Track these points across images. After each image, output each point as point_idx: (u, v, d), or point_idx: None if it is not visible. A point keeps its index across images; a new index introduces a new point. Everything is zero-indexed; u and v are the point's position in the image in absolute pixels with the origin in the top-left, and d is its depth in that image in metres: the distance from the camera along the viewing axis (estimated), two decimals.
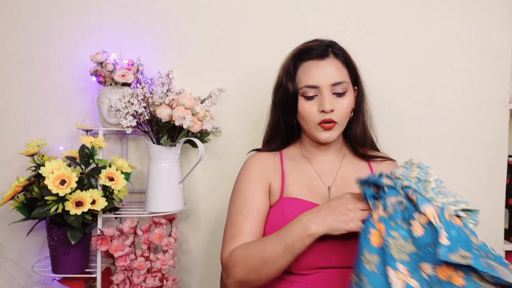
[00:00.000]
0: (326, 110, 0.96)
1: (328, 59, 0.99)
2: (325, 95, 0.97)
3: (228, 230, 1.00)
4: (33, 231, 1.30)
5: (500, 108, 1.43)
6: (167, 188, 1.23)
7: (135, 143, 1.40)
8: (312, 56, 0.99)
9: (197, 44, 1.39)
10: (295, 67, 1.01)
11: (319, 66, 0.98)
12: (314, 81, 0.98)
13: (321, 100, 0.97)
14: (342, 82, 0.98)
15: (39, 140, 1.24)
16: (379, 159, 1.10)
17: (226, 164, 1.41)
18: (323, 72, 0.98)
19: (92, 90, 1.36)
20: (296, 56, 1.02)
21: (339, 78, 0.98)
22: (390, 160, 1.11)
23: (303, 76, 0.99)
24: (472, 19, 1.42)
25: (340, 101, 0.99)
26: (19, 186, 1.16)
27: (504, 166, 1.43)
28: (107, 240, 1.19)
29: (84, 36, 1.36)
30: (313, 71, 0.98)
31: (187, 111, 1.17)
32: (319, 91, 0.98)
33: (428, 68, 1.42)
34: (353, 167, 1.07)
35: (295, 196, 1.00)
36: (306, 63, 1.00)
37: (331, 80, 0.97)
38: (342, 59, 1.01)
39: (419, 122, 1.42)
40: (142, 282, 1.22)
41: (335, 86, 0.98)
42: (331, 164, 1.07)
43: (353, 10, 1.41)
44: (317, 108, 0.98)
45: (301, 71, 1.00)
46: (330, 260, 0.93)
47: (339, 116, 0.99)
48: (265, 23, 1.40)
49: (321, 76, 0.97)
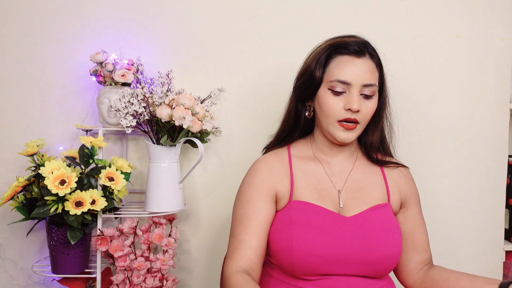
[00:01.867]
0: (353, 109, 0.93)
1: (365, 59, 0.96)
2: (355, 94, 0.94)
3: (231, 240, 0.98)
4: (33, 231, 1.30)
5: (500, 108, 1.43)
6: (167, 188, 1.23)
7: (135, 143, 1.40)
8: (349, 52, 0.96)
9: (197, 44, 1.39)
10: (328, 57, 0.97)
11: (355, 63, 0.95)
12: (347, 77, 0.94)
13: (350, 99, 0.94)
14: (373, 85, 0.96)
15: (38, 140, 1.24)
16: (392, 165, 1.07)
17: (226, 164, 1.41)
18: (358, 70, 0.94)
19: (92, 90, 1.36)
20: (332, 47, 0.98)
21: (372, 80, 0.96)
22: (403, 167, 1.08)
23: (336, 70, 0.95)
24: (472, 19, 1.42)
25: (366, 103, 0.96)
26: (18, 186, 1.16)
27: (504, 166, 1.43)
28: (107, 240, 1.18)
29: (84, 36, 1.36)
30: (348, 67, 0.95)
31: (187, 111, 1.17)
32: (348, 88, 0.95)
33: (428, 68, 1.42)
34: (365, 170, 1.04)
35: (304, 200, 0.98)
36: (342, 57, 0.96)
37: (364, 81, 0.94)
38: (376, 61, 0.99)
39: (419, 122, 1.42)
40: (142, 282, 1.22)
41: (365, 87, 0.95)
42: (342, 166, 1.04)
43: (353, 11, 1.41)
44: (343, 105, 0.95)
45: (335, 64, 0.96)
46: (337, 267, 0.92)
47: (363, 118, 0.96)
48: (265, 23, 1.40)
49: (355, 74, 0.94)
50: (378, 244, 0.93)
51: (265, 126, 1.39)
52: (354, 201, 0.99)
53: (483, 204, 1.43)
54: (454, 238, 1.44)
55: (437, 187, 1.43)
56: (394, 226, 0.97)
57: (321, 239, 0.91)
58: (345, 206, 0.98)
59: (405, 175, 1.07)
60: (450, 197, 1.43)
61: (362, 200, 0.99)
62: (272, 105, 1.38)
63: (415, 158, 1.40)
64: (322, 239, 0.91)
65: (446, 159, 1.43)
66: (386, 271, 0.96)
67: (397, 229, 0.98)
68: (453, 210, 1.44)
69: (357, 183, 1.01)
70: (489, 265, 1.43)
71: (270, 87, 1.40)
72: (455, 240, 1.44)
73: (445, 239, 1.43)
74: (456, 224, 1.44)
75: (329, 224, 0.94)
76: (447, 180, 1.43)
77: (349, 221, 0.95)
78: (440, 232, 1.43)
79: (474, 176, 1.43)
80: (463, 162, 1.43)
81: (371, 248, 0.92)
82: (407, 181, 1.06)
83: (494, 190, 1.43)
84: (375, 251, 0.92)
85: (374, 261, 0.92)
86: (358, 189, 1.01)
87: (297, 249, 0.91)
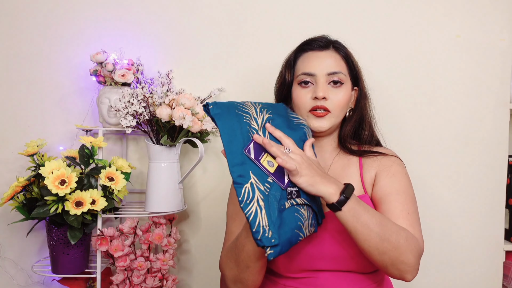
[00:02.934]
0: (318, 96, 0.96)
1: (328, 51, 1.01)
2: (320, 82, 0.97)
3: (225, 236, 1.03)
4: (33, 231, 1.30)
5: (500, 108, 1.43)
6: (167, 188, 1.23)
7: (135, 143, 1.40)
8: (313, 47, 1.01)
9: (197, 44, 1.39)
10: (295, 57, 1.04)
11: (318, 56, 1.00)
12: (310, 68, 0.98)
13: (315, 87, 0.97)
14: (338, 73, 0.98)
15: (39, 140, 1.24)
16: (371, 154, 1.03)
17: (226, 164, 1.40)
18: (321, 61, 0.99)
19: (92, 90, 1.36)
20: (298, 48, 1.04)
21: (336, 68, 0.98)
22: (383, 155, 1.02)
23: (301, 65, 1.01)
24: (472, 19, 1.42)
25: (335, 91, 0.98)
26: (18, 186, 1.16)
27: (504, 166, 1.43)
28: (107, 240, 1.18)
29: (84, 36, 1.36)
30: (311, 60, 1.00)
31: (187, 111, 1.17)
32: (315, 79, 0.98)
33: (428, 68, 1.42)
34: (344, 163, 1.04)
35: None
36: (306, 54, 1.02)
37: (327, 69, 0.98)
38: (342, 54, 1.02)
39: (419, 122, 1.42)
40: (142, 282, 1.22)
41: (331, 75, 0.98)
42: (323, 162, 1.04)
43: (352, 10, 1.41)
44: (310, 95, 0.98)
45: (300, 61, 1.02)
46: (321, 263, 0.92)
47: (333, 106, 0.97)
48: (264, 23, 1.40)
49: (318, 65, 0.98)
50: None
51: None
52: None
53: (483, 204, 1.43)
54: (454, 238, 1.44)
55: (437, 187, 1.43)
56: None
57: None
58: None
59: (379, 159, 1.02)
60: (450, 197, 1.43)
61: None
62: None
63: (415, 158, 1.40)
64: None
65: (446, 159, 1.43)
66: (370, 265, 0.93)
67: None
68: (453, 210, 1.43)
69: (337, 176, 1.01)
70: (489, 265, 1.43)
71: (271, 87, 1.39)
72: (455, 240, 1.44)
73: (445, 239, 1.43)
74: (456, 224, 1.44)
75: None
76: (447, 180, 1.43)
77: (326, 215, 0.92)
78: (440, 232, 1.43)
79: (474, 176, 1.43)
80: (463, 162, 1.43)
81: (348, 243, 0.91)
82: (378, 163, 1.01)
83: (494, 190, 1.43)
84: (353, 246, 0.91)
85: (354, 256, 0.91)
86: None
87: None
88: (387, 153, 1.04)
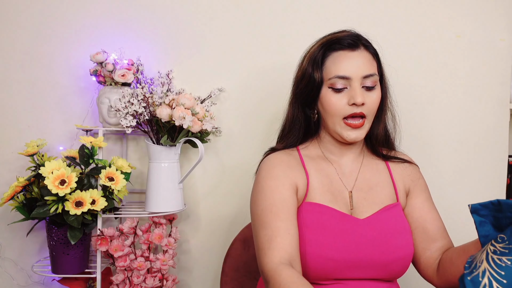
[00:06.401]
0: (357, 103, 0.90)
1: (360, 51, 0.94)
2: (356, 87, 0.91)
3: (262, 232, 0.88)
4: (33, 231, 1.30)
5: (500, 108, 1.43)
6: (167, 188, 1.23)
7: (135, 143, 1.40)
8: (343, 46, 0.93)
9: (197, 44, 1.39)
10: (323, 56, 0.95)
11: (351, 57, 0.93)
12: (345, 71, 0.91)
13: (352, 93, 0.91)
14: (373, 75, 0.93)
15: (38, 140, 1.24)
16: (397, 160, 1.04)
17: (226, 164, 1.41)
18: (355, 63, 0.92)
19: (92, 90, 1.36)
20: (325, 45, 0.95)
21: (371, 70, 0.93)
22: (409, 163, 1.05)
23: (333, 67, 0.93)
24: (472, 19, 1.42)
25: (369, 95, 0.93)
26: (18, 186, 1.16)
27: (504, 166, 1.43)
28: (107, 240, 1.18)
29: (84, 36, 1.36)
30: (345, 62, 0.92)
31: (187, 111, 1.17)
32: (349, 83, 0.92)
33: (428, 68, 1.42)
34: (373, 168, 1.02)
35: (318, 202, 0.95)
36: (337, 53, 0.94)
37: (363, 72, 0.92)
38: (372, 51, 0.97)
39: (419, 122, 1.42)
40: (142, 282, 1.22)
41: (366, 78, 0.92)
42: (351, 166, 1.01)
43: (352, 10, 1.41)
44: (346, 101, 0.92)
45: (331, 61, 0.94)
46: (351, 271, 0.91)
47: (369, 111, 0.93)
48: (265, 23, 1.40)
49: (353, 67, 0.92)
50: (391, 246, 0.92)
51: (265, 126, 1.39)
52: (365, 202, 0.97)
53: None
54: (454, 238, 1.44)
55: (437, 187, 1.43)
56: (405, 227, 0.96)
57: (335, 242, 0.89)
58: (357, 207, 0.96)
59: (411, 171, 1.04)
60: (450, 197, 1.43)
61: (373, 201, 0.98)
62: (272, 105, 1.38)
63: (415, 158, 1.40)
64: (336, 242, 0.89)
65: (446, 159, 1.43)
66: (400, 273, 0.95)
67: (408, 230, 0.97)
68: (453, 210, 1.43)
69: (367, 182, 1.00)
70: None
71: (271, 87, 1.40)
72: (455, 240, 1.44)
73: None
74: (456, 224, 1.44)
75: (343, 227, 0.92)
76: (447, 180, 1.43)
77: (362, 223, 0.93)
78: None
79: (474, 176, 1.43)
80: (463, 162, 1.43)
81: (385, 250, 0.91)
82: (409, 173, 1.04)
83: (494, 190, 1.43)
84: (389, 254, 0.91)
85: (388, 264, 0.91)
86: (368, 189, 0.99)
87: (311, 252, 0.88)
88: (411, 161, 1.07)
